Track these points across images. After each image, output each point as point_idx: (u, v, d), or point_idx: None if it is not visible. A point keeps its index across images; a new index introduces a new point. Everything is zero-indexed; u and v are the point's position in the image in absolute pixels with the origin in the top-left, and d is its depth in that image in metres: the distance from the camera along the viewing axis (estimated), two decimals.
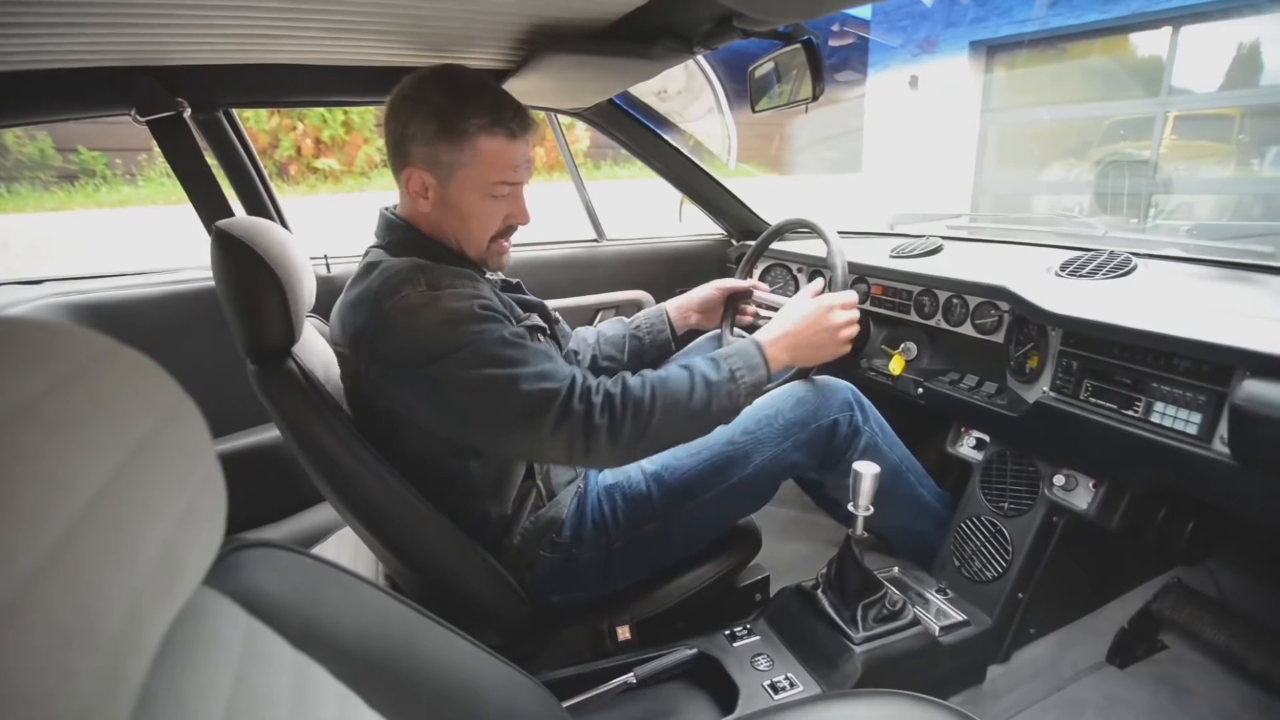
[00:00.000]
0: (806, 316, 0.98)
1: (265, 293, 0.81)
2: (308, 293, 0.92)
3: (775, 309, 1.50)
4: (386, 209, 0.97)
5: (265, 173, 1.43)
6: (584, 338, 1.27)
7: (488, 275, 0.99)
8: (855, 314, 1.02)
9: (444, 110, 0.84)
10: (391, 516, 0.87)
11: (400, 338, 0.82)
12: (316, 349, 0.98)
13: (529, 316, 0.98)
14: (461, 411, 0.84)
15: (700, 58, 1.50)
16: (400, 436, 0.90)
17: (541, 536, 0.98)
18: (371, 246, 0.96)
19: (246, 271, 0.81)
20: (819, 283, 1.07)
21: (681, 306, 1.31)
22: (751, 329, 1.54)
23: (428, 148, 0.85)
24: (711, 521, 1.07)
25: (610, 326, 1.31)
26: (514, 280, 1.07)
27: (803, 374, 1.18)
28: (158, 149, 1.25)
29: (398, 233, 0.93)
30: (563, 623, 1.00)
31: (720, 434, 1.07)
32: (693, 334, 1.34)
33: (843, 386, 1.16)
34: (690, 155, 1.74)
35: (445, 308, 0.82)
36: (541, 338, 0.98)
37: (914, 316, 1.35)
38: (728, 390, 0.89)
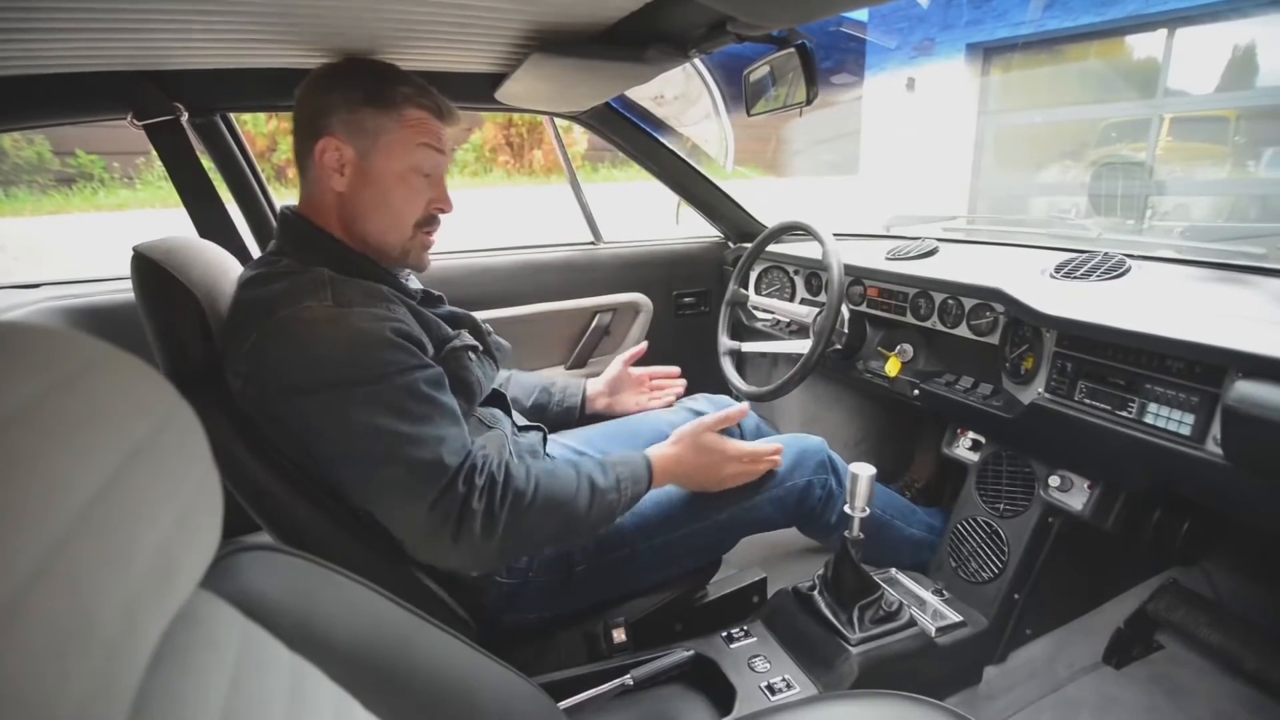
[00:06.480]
0: (703, 454, 0.97)
1: (181, 315, 0.79)
2: None
3: (772, 311, 1.51)
4: (287, 207, 0.87)
5: (263, 176, 1.43)
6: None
7: (409, 278, 0.92)
8: (753, 470, 1.02)
9: (372, 82, 0.82)
10: (325, 546, 0.82)
11: (290, 353, 0.72)
12: None
13: (458, 335, 0.90)
14: (335, 451, 0.75)
15: (698, 61, 1.51)
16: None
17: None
18: (269, 252, 0.85)
19: (162, 293, 0.79)
20: (720, 415, 1.01)
21: (596, 390, 1.29)
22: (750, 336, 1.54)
23: (350, 114, 0.81)
24: (675, 559, 1.04)
25: (528, 375, 1.27)
26: (436, 293, 0.96)
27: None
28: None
29: (299, 231, 0.83)
30: (515, 642, 0.97)
31: None
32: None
33: (819, 447, 1.13)
34: (687, 158, 1.74)
35: (352, 326, 0.73)
36: (474, 355, 0.92)
37: (910, 318, 1.35)
38: (610, 500, 0.86)
